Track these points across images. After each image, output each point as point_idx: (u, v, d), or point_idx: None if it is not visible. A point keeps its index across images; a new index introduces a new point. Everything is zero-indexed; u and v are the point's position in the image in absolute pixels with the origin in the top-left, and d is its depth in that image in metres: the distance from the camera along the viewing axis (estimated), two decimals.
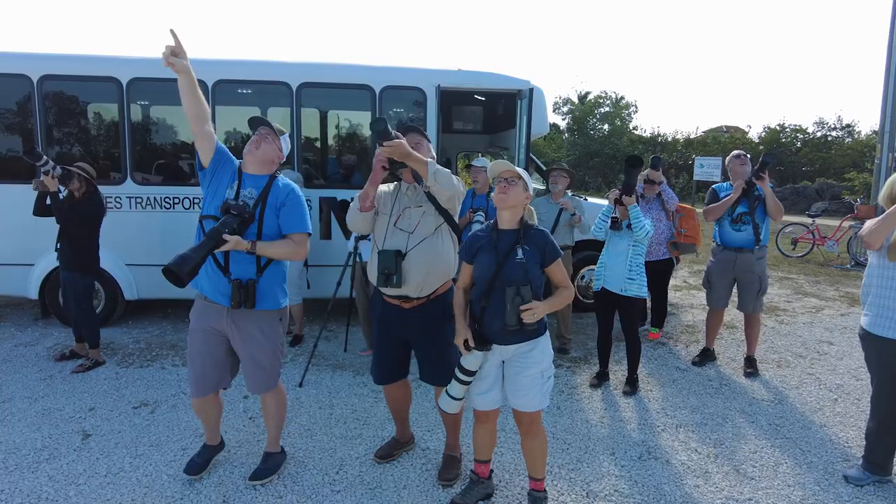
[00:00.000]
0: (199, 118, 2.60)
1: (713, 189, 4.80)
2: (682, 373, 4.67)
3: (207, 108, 2.65)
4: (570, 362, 4.87)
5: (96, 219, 4.44)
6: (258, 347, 2.77)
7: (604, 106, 32.35)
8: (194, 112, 2.58)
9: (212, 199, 2.66)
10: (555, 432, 3.58)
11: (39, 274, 5.43)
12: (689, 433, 3.62)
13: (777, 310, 6.72)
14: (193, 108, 2.57)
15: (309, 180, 5.63)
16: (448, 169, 2.76)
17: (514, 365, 2.54)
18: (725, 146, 26.48)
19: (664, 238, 5.18)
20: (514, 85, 5.78)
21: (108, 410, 3.83)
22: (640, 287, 4.05)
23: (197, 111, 2.59)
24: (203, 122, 2.61)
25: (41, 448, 3.31)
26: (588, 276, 6.26)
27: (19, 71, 5.29)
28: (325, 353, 5.04)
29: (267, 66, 5.63)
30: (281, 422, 3.06)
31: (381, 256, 2.70)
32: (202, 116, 2.61)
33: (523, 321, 2.34)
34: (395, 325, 2.85)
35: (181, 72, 2.46)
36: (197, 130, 2.61)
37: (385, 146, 2.50)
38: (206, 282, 2.67)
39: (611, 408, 3.99)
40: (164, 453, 3.26)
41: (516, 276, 2.43)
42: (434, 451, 3.31)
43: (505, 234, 2.54)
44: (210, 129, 2.65)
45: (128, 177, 5.47)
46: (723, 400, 4.13)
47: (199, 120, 2.60)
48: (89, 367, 4.56)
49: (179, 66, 2.44)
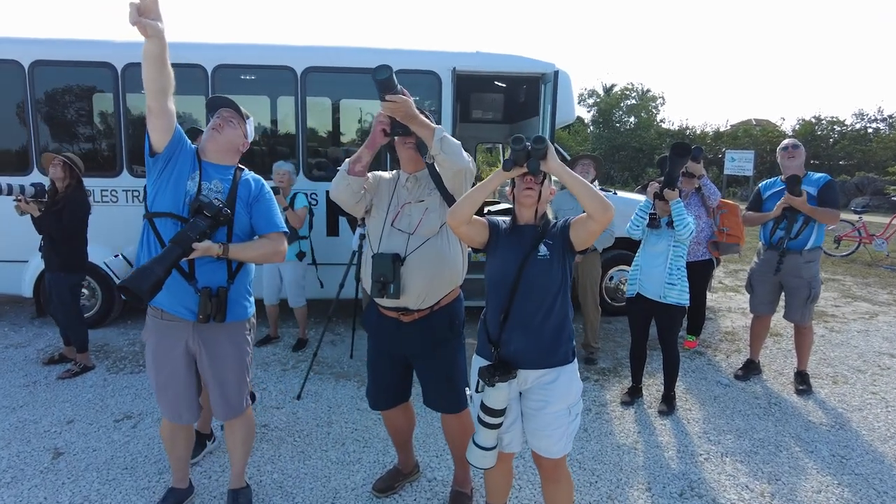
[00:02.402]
0: (165, 92, 2.13)
1: (758, 189, 4.28)
2: (725, 388, 4.15)
3: (173, 79, 2.16)
4: (598, 374, 4.40)
5: (80, 216, 4.10)
6: (226, 366, 2.37)
7: (630, 98, 31.41)
8: (160, 86, 2.10)
9: (166, 191, 2.22)
10: (581, 460, 3.13)
11: (33, 271, 5.14)
12: (738, 464, 3.13)
13: (825, 315, 6.13)
14: (160, 82, 2.09)
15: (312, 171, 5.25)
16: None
17: (534, 398, 2.08)
18: (757, 139, 25.45)
19: (704, 237, 4.65)
20: (538, 68, 5.29)
21: (87, 424, 3.49)
22: (680, 293, 3.56)
23: (164, 84, 2.11)
24: (167, 98, 2.15)
25: (5, 469, 2.98)
26: (618, 278, 5.75)
27: (9, 56, 4.99)
28: (329, 359, 4.65)
29: (270, 49, 5.24)
30: (248, 452, 2.65)
31: (377, 261, 2.27)
32: (167, 90, 2.13)
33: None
34: (393, 342, 2.42)
35: (152, 36, 1.95)
36: (157, 107, 2.13)
37: (388, 100, 2.08)
38: (165, 294, 2.20)
39: (645, 430, 3.51)
40: (137, 478, 2.89)
41: (539, 277, 2.01)
42: (441, 482, 2.88)
43: (526, 229, 2.13)
44: (173, 106, 2.20)
45: (124, 169, 5.14)
46: (774, 423, 3.61)
47: (163, 94, 2.12)
48: (76, 373, 4.25)
49: (151, 28, 1.92)
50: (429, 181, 2.37)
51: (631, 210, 3.71)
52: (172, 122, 2.21)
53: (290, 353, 4.79)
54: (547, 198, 2.13)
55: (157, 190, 2.25)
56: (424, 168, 2.39)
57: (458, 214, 2.03)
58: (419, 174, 2.40)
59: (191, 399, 2.43)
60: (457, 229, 2.09)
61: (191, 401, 2.43)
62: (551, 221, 2.16)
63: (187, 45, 5.04)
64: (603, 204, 1.91)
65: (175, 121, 2.23)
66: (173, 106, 2.19)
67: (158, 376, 2.37)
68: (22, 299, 5.61)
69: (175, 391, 2.38)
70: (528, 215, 2.12)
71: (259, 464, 3.03)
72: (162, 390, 2.39)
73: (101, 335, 4.94)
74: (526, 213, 2.12)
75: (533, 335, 2.04)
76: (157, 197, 2.24)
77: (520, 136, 1.91)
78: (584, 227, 2.01)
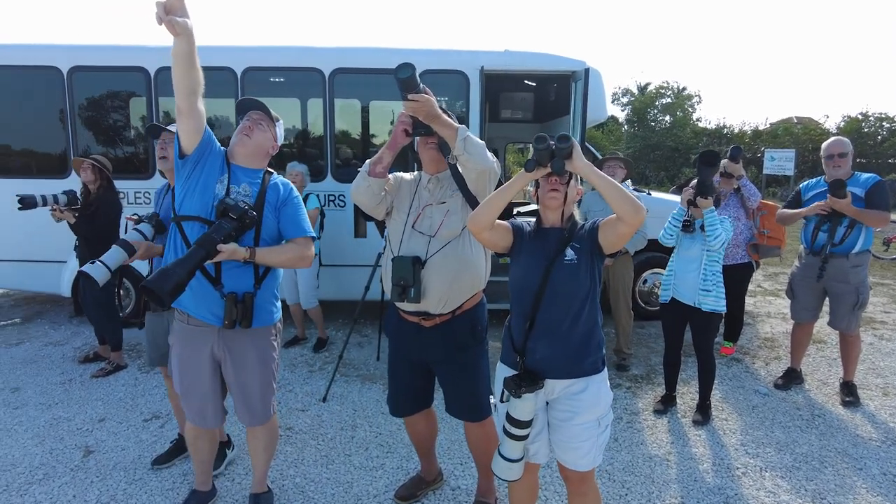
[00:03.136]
0: (194, 92, 2.08)
1: (799, 188, 4.06)
2: (764, 398, 3.96)
3: (202, 79, 2.12)
4: (630, 381, 4.25)
5: (112, 216, 4.18)
6: (251, 373, 2.34)
7: (665, 97, 30.71)
8: (188, 85, 2.05)
9: (194, 194, 2.20)
10: (611, 472, 3.01)
11: (71, 271, 5.28)
12: (779, 480, 2.96)
13: (874, 322, 5.82)
14: (188, 81, 2.04)
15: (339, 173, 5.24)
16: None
17: (562, 409, 1.99)
18: (798, 137, 24.51)
19: (743, 239, 4.45)
20: (568, 66, 5.17)
21: (117, 423, 3.54)
22: (716, 300, 3.40)
23: (193, 84, 2.06)
24: (196, 98, 2.11)
25: (38, 466, 3.04)
26: (651, 281, 5.58)
27: (49, 62, 5.13)
28: (355, 361, 4.63)
29: (298, 51, 5.25)
30: (270, 458, 2.62)
31: (396, 265, 2.21)
32: (197, 90, 2.09)
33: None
34: (414, 347, 2.36)
35: (180, 34, 1.89)
36: (186, 107, 2.10)
37: (411, 99, 2.02)
38: (191, 298, 2.19)
39: (679, 441, 3.37)
40: (162, 479, 2.91)
41: (565, 283, 1.92)
42: (465, 492, 2.81)
43: (551, 232, 2.03)
44: (202, 107, 2.17)
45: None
46: (817, 436, 3.42)
47: (193, 94, 2.08)
48: (110, 372, 4.34)
49: (179, 26, 1.86)
50: (451, 182, 2.30)
51: (665, 211, 3.58)
52: (202, 124, 2.18)
53: (317, 355, 4.79)
54: (573, 199, 2.03)
55: (186, 193, 2.23)
56: (447, 169, 2.32)
57: (479, 221, 1.95)
58: (441, 175, 2.34)
59: (215, 404, 2.42)
60: (478, 235, 2.01)
61: (215, 405, 2.42)
62: (578, 224, 2.06)
63: (216, 48, 5.10)
64: (633, 205, 1.80)
65: (204, 122, 2.20)
66: (203, 107, 2.16)
67: (183, 380, 2.36)
68: (61, 298, 5.77)
69: (199, 396, 2.37)
70: (554, 218, 2.03)
71: (282, 467, 3.01)
72: (186, 394, 2.38)
73: (133, 335, 5.03)
74: (551, 215, 2.03)
75: (560, 343, 1.94)
76: (185, 200, 2.22)
77: (543, 135, 1.82)
78: (614, 230, 1.91)
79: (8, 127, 5.33)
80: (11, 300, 6.60)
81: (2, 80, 5.19)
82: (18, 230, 5.17)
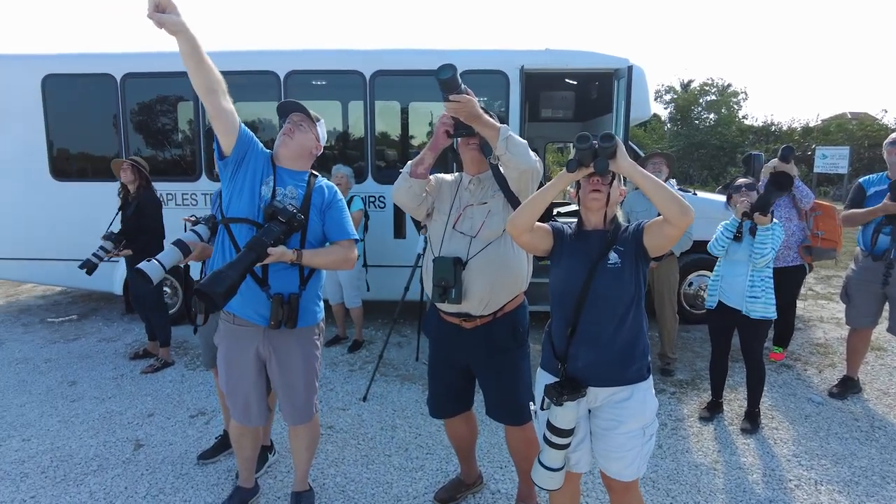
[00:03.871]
0: (212, 91, 2.05)
1: (859, 184, 3.85)
2: (817, 407, 3.79)
3: (221, 77, 2.11)
4: (675, 386, 4.14)
5: (153, 213, 4.35)
6: (295, 372, 2.37)
7: (709, 94, 29.82)
8: (203, 84, 2.02)
9: (241, 196, 2.23)
10: (655, 479, 2.93)
11: (123, 270, 5.48)
12: (835, 494, 2.82)
13: None
14: (201, 78, 2.01)
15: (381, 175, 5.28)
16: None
17: (605, 417, 1.93)
18: (853, 134, 23.39)
19: (795, 241, 4.27)
20: (610, 64, 5.07)
21: (165, 418, 3.65)
22: (766, 306, 3.26)
23: (207, 82, 2.02)
24: (218, 97, 2.09)
25: (92, 457, 3.16)
26: (697, 284, 5.41)
27: (103, 70, 5.35)
28: (394, 361, 4.66)
29: (339, 54, 5.32)
30: (312, 457, 2.64)
31: (437, 265, 2.21)
32: (214, 88, 2.05)
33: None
34: (454, 349, 2.35)
35: (176, 32, 1.86)
36: (210, 108, 2.11)
37: (452, 100, 2.00)
38: (237, 298, 2.19)
39: (726, 449, 3.25)
40: (207, 474, 2.98)
41: (609, 288, 1.86)
42: (505, 496, 2.78)
43: (594, 235, 1.97)
44: (229, 105, 2.14)
45: (202, 173, 5.39)
46: (878, 450, 3.25)
47: (211, 93, 2.05)
48: (158, 368, 4.48)
49: (171, 24, 1.82)
50: (492, 183, 2.28)
51: (712, 211, 3.46)
52: (232, 122, 2.18)
53: (357, 354, 4.83)
54: (616, 200, 1.96)
55: (232, 194, 2.26)
56: (488, 170, 2.30)
57: (518, 223, 1.91)
58: (482, 176, 2.32)
59: (260, 402, 2.46)
60: (518, 238, 1.98)
61: (260, 404, 2.46)
62: (622, 225, 1.99)
63: (260, 52, 5.22)
64: (681, 206, 1.74)
65: (237, 121, 2.20)
66: (230, 106, 2.15)
67: (229, 379, 2.41)
68: (113, 296, 6.00)
69: (244, 394, 2.41)
70: (596, 220, 1.97)
71: (323, 466, 3.05)
72: (232, 393, 2.43)
73: (180, 333, 5.19)
74: (593, 217, 1.97)
75: (603, 350, 1.88)
76: (232, 202, 2.25)
77: (585, 134, 1.76)
78: (661, 232, 1.84)
79: (67, 132, 5.58)
80: (70, 297, 6.92)
81: (60, 87, 5.44)
82: (76, 231, 5.40)
